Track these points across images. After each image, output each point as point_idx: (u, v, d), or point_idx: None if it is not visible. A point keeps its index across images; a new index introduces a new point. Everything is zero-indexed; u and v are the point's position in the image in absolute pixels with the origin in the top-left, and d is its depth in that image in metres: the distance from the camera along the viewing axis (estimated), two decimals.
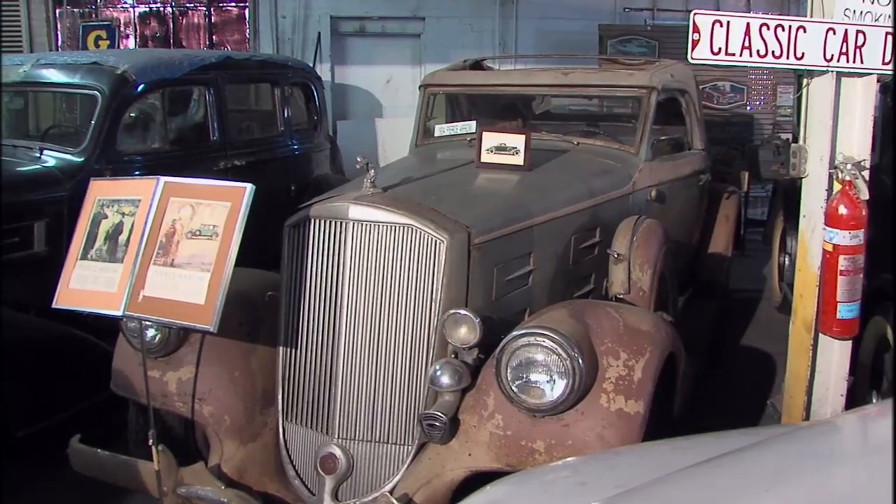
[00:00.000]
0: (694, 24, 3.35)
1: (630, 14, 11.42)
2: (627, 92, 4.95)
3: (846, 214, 3.42)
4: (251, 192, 2.77)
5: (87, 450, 3.20)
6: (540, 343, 2.76)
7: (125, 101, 5.54)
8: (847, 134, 3.61)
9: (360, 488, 3.03)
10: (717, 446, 2.16)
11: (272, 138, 7.00)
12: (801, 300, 3.81)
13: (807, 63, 3.50)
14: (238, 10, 11.62)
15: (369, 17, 11.41)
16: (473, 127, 4.73)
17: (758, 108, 9.99)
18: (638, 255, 3.86)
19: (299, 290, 3.13)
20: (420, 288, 3.01)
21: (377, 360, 3.03)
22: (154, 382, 3.17)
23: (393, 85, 11.46)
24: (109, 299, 2.88)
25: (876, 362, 4.23)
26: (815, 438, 2.31)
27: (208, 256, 2.75)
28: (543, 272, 3.59)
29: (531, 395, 2.77)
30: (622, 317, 3.01)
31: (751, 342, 6.06)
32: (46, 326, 4.24)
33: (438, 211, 3.13)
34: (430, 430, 2.85)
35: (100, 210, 3.03)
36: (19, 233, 4.86)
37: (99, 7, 11.52)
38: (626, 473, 2.10)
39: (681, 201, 5.06)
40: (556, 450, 2.75)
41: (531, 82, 5.25)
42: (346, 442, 3.04)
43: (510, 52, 11.08)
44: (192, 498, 2.95)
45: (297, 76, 7.42)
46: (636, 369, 2.83)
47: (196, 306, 2.72)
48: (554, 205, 3.70)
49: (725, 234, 5.88)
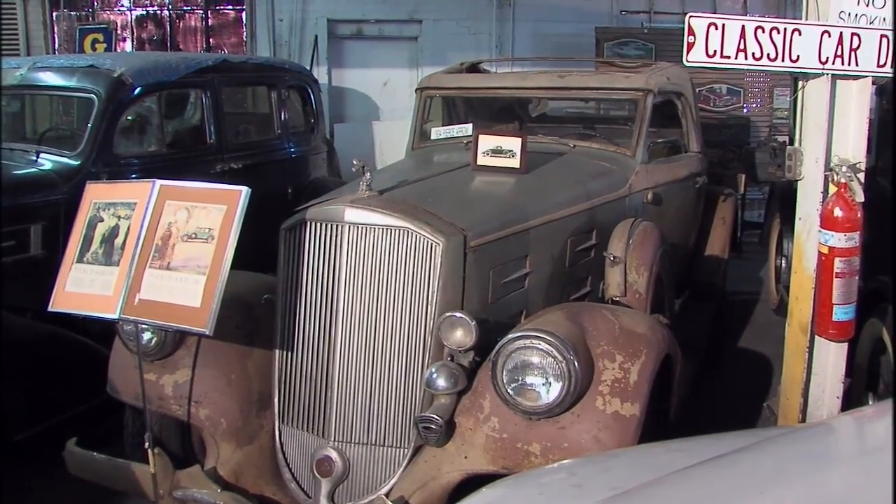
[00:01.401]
0: (689, 27, 3.35)
1: (627, 17, 11.44)
2: (624, 94, 4.96)
3: (842, 217, 3.42)
4: (247, 195, 2.78)
5: (84, 453, 3.21)
6: (536, 346, 2.77)
7: (122, 104, 5.54)
8: (842, 136, 3.62)
9: (356, 491, 3.04)
10: (713, 448, 2.17)
11: (269, 141, 6.99)
12: (796, 302, 3.81)
13: (802, 66, 3.50)
14: (235, 13, 11.62)
15: (366, 19, 11.41)
16: (470, 130, 4.74)
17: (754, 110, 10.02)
18: (634, 258, 3.87)
19: (296, 292, 3.13)
20: (416, 291, 3.02)
21: (373, 362, 3.03)
22: (150, 385, 3.17)
23: (390, 88, 11.46)
24: (105, 302, 2.88)
25: (872, 364, 4.24)
26: (811, 440, 2.31)
27: (204, 259, 2.75)
28: (540, 275, 3.60)
29: (527, 397, 2.77)
30: (618, 319, 3.02)
31: (747, 344, 6.07)
32: (43, 329, 4.24)
33: (434, 213, 3.13)
34: (426, 433, 2.85)
35: (96, 213, 3.03)
36: (16, 236, 4.85)
37: (96, 10, 11.52)
38: (622, 475, 2.11)
39: (677, 204, 5.07)
40: (551, 452, 2.75)
41: (528, 85, 5.26)
42: (343, 445, 3.04)
43: (507, 54, 11.10)
44: (188, 501, 2.95)
45: (294, 79, 7.41)
46: (632, 372, 2.84)
47: (192, 309, 2.72)
48: (550, 207, 3.70)
49: (722, 236, 5.88)
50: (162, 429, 3.43)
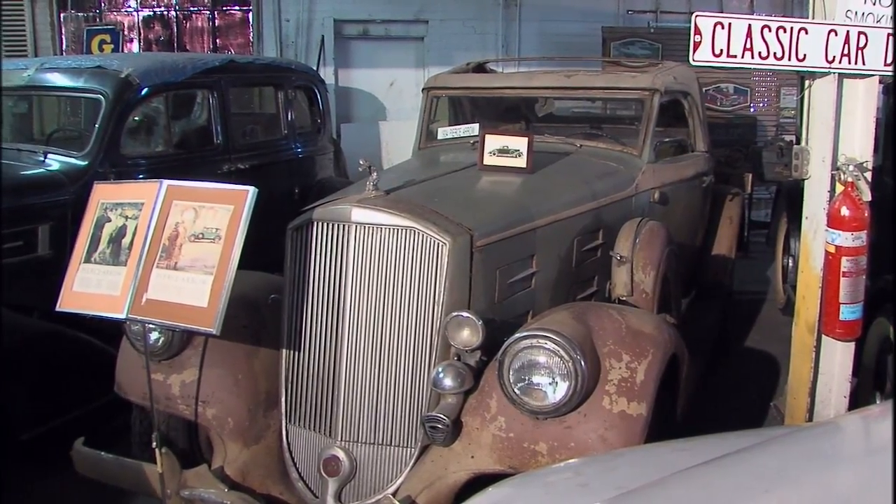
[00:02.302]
0: (695, 26, 3.35)
1: (633, 16, 11.43)
2: (630, 94, 4.95)
3: (848, 216, 3.41)
4: (254, 195, 2.78)
5: (91, 452, 3.21)
6: (542, 345, 2.76)
7: (129, 104, 5.56)
8: (849, 135, 3.61)
9: (363, 491, 3.04)
10: (719, 448, 2.16)
11: (276, 141, 7.01)
12: (803, 302, 3.81)
13: (808, 65, 3.50)
14: (242, 13, 11.65)
15: (373, 20, 11.42)
16: (476, 129, 4.73)
17: (761, 109, 9.99)
18: (641, 258, 3.86)
19: (302, 292, 3.13)
20: (423, 290, 3.02)
21: (380, 362, 3.03)
22: (157, 385, 3.17)
23: (396, 88, 11.46)
24: (113, 302, 2.89)
25: (879, 364, 4.22)
26: (816, 439, 2.31)
27: (211, 259, 2.75)
28: (546, 274, 3.60)
29: (533, 397, 2.77)
30: (625, 319, 3.02)
31: (754, 344, 6.06)
32: (50, 329, 4.25)
33: (441, 213, 3.14)
34: (433, 433, 2.86)
35: (103, 213, 3.04)
36: (23, 236, 4.87)
37: (103, 11, 11.55)
38: (628, 475, 2.11)
39: (684, 203, 5.06)
40: (558, 452, 2.75)
41: (534, 85, 5.25)
42: (349, 444, 3.04)
43: (513, 54, 11.09)
44: (196, 500, 2.96)
45: (301, 79, 7.42)
46: (639, 371, 2.83)
47: (199, 309, 2.72)
48: (557, 207, 3.70)
49: (729, 235, 5.86)
50: (169, 428, 3.44)
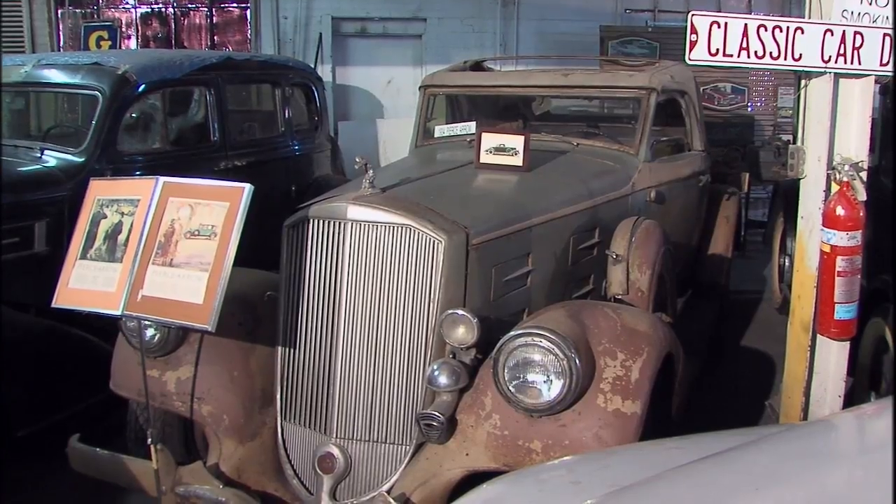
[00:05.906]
0: (692, 25, 3.35)
1: (631, 15, 11.42)
2: (627, 93, 4.96)
3: (844, 215, 3.42)
4: (250, 192, 2.78)
5: (87, 449, 3.22)
6: (537, 343, 2.77)
7: (126, 101, 5.55)
8: (845, 135, 3.61)
9: (357, 488, 3.04)
10: (713, 446, 2.17)
11: (273, 139, 7.01)
12: (798, 301, 3.81)
13: (804, 64, 3.50)
14: (239, 10, 11.62)
15: (371, 17, 11.41)
16: (473, 128, 4.74)
17: (759, 109, 9.99)
18: (636, 256, 3.87)
19: (298, 289, 3.14)
20: (418, 288, 3.02)
21: (375, 359, 3.03)
22: (153, 382, 3.18)
23: (394, 86, 11.45)
24: (108, 299, 2.89)
25: (874, 364, 4.24)
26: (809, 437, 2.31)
27: (207, 256, 2.76)
28: (542, 273, 3.60)
29: (528, 395, 2.78)
30: (620, 317, 3.02)
31: (750, 343, 6.07)
32: (46, 326, 4.25)
33: (436, 211, 3.14)
34: (428, 430, 2.86)
35: (99, 210, 3.04)
36: (20, 232, 4.86)
37: (101, 8, 11.52)
38: (621, 473, 2.11)
39: (680, 202, 5.07)
40: (553, 450, 2.76)
41: (531, 83, 5.26)
42: (345, 441, 3.05)
43: (511, 53, 11.08)
44: (191, 497, 2.96)
45: (298, 77, 7.43)
46: (633, 370, 2.84)
47: (195, 306, 2.73)
48: (553, 205, 3.71)
49: (725, 235, 5.88)
50: (165, 425, 3.44)
